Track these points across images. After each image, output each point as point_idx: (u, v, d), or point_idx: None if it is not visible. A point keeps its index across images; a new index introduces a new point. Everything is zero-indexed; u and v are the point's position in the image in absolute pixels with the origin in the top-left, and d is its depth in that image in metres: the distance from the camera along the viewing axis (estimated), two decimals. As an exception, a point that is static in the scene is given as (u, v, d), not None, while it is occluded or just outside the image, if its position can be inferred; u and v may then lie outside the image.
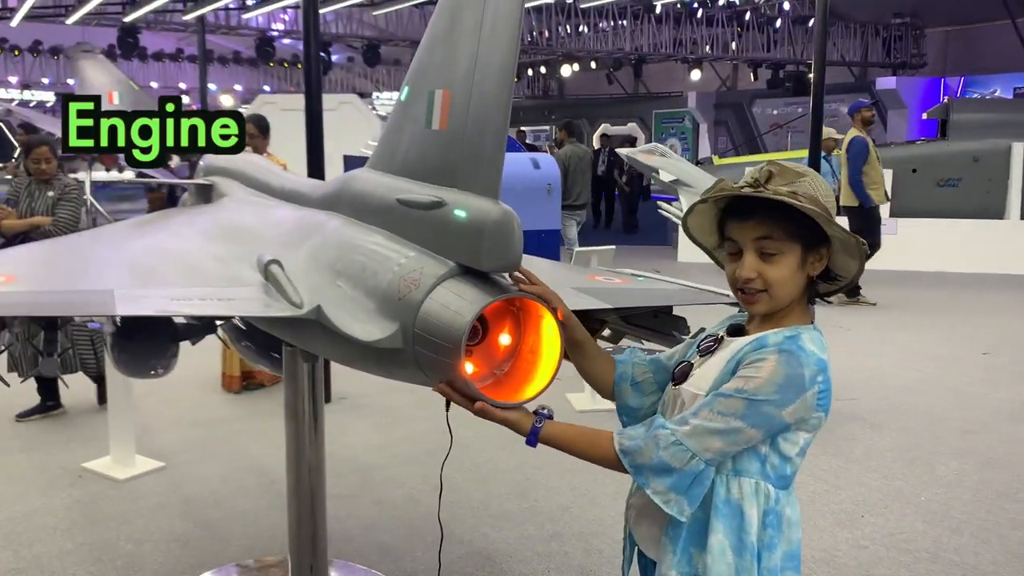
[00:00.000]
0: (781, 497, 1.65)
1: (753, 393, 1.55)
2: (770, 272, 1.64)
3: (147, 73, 30.06)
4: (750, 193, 1.61)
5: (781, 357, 1.57)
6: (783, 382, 1.56)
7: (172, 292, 1.99)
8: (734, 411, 1.55)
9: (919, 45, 24.31)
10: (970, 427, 5.25)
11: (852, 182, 9.19)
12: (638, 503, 1.77)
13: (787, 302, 1.67)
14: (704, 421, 1.57)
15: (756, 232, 1.64)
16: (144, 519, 3.92)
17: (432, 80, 1.86)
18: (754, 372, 1.57)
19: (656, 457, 1.56)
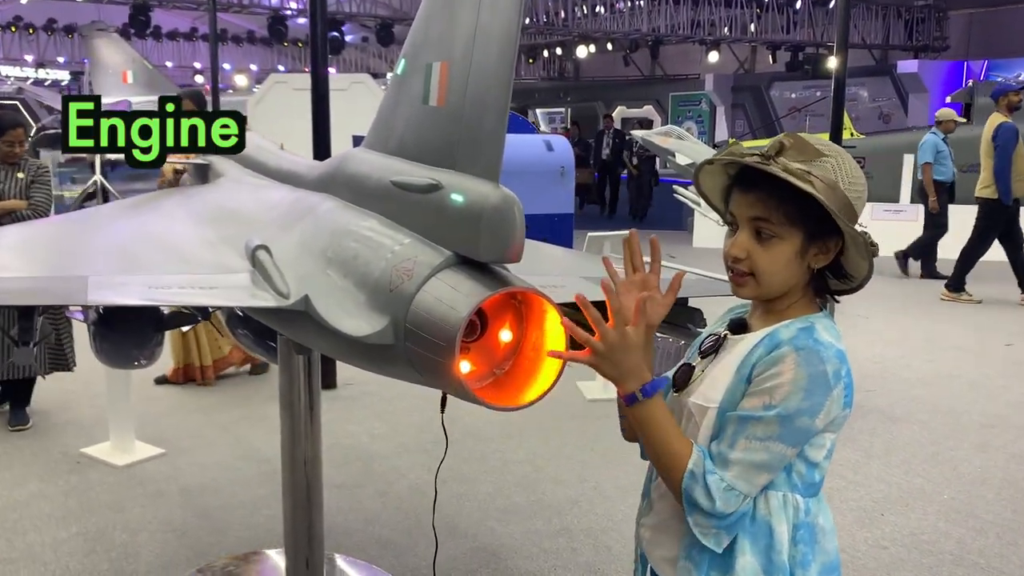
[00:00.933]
0: (811, 507, 1.49)
1: (784, 407, 1.38)
2: (761, 256, 1.46)
3: (161, 52, 29.98)
4: (753, 163, 1.43)
5: (800, 356, 1.40)
6: (808, 385, 1.39)
7: (151, 280, 1.86)
8: (771, 434, 1.39)
9: (942, 28, 23.88)
10: (991, 421, 5.08)
11: (999, 173, 8.40)
12: (653, 523, 1.61)
13: (777, 292, 1.50)
14: (745, 454, 1.40)
15: (753, 210, 1.46)
16: (141, 507, 3.82)
17: (430, 52, 1.72)
18: (775, 379, 1.40)
19: (713, 507, 1.40)
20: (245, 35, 32.07)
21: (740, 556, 1.44)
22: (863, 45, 23.72)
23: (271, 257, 1.91)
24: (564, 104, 33.68)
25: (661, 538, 1.57)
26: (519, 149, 8.30)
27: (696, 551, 1.47)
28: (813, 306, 1.54)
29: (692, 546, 1.47)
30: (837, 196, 1.42)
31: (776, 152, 1.43)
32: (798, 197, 1.42)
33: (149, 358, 2.22)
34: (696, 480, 1.40)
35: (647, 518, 1.62)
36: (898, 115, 22.81)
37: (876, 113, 23.78)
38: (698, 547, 1.46)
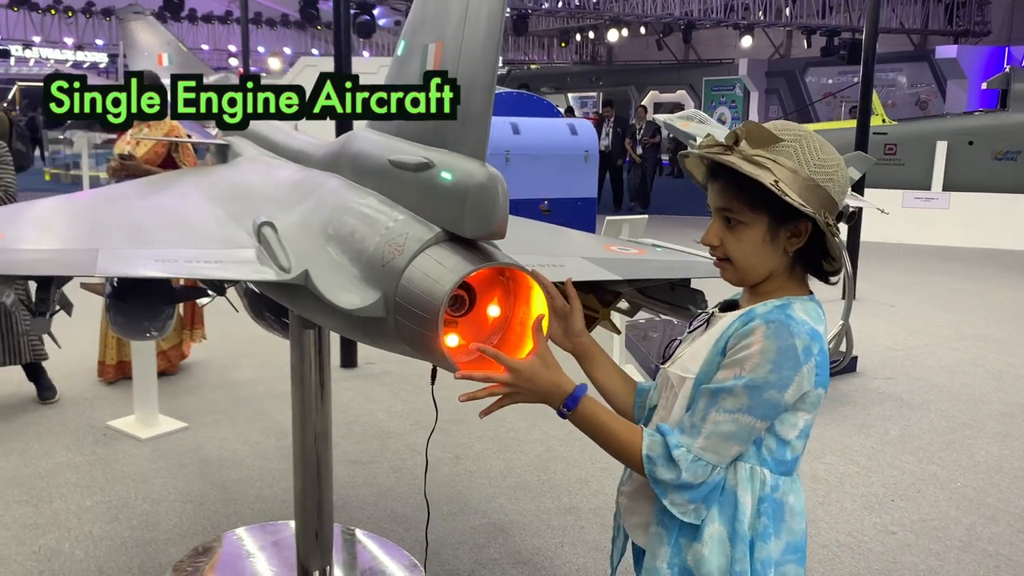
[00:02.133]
0: (781, 484, 1.52)
1: (751, 378, 1.42)
2: (731, 243, 1.52)
3: (197, 35, 30.33)
4: (709, 154, 1.50)
5: (768, 328, 1.43)
6: (776, 357, 1.42)
7: (159, 253, 1.93)
8: (740, 406, 1.43)
9: (983, 12, 23.34)
10: (1011, 411, 5.04)
11: None
12: (630, 490, 1.66)
13: (758, 276, 1.53)
14: (715, 426, 1.44)
15: (719, 199, 1.52)
16: (163, 479, 3.94)
17: (426, 33, 1.76)
18: (744, 350, 1.44)
19: (678, 478, 1.45)
20: (279, 18, 32.28)
21: (708, 524, 1.49)
22: (901, 29, 23.30)
23: (276, 233, 1.96)
24: (596, 88, 33.51)
25: (636, 505, 1.64)
26: (544, 133, 8.31)
27: (668, 517, 1.51)
28: (799, 289, 1.56)
29: (663, 512, 1.51)
30: (799, 179, 1.44)
31: (734, 141, 1.48)
32: (758, 184, 1.44)
33: (160, 330, 2.30)
34: (654, 462, 1.46)
35: (626, 487, 1.69)
36: (936, 101, 22.40)
37: (914, 99, 23.37)
38: (669, 514, 1.50)
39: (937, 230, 11.48)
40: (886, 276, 9.16)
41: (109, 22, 29.10)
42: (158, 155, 5.01)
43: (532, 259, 2.14)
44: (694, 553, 1.50)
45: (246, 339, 5.98)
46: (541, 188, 8.15)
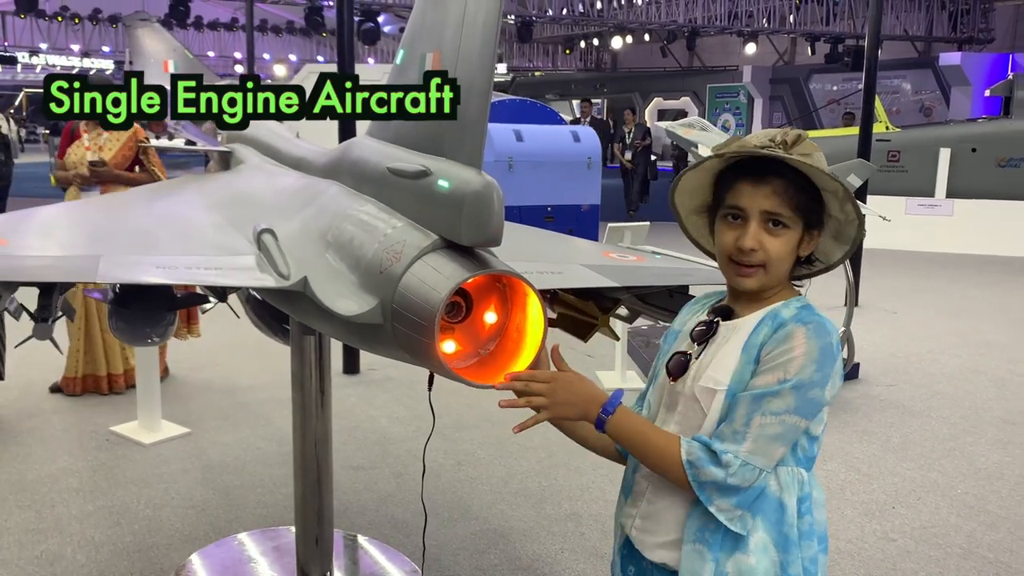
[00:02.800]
0: (810, 479, 1.55)
1: (798, 380, 1.44)
2: (773, 245, 1.50)
3: (203, 42, 30.41)
4: (779, 155, 1.46)
5: (809, 330, 1.46)
6: (819, 357, 1.45)
7: (160, 260, 1.95)
8: (787, 407, 1.44)
9: (987, 19, 23.33)
10: (1013, 418, 5.04)
11: None
12: (645, 512, 1.62)
13: (778, 281, 1.55)
14: (761, 429, 1.44)
15: (769, 201, 1.49)
16: (165, 484, 3.95)
17: (424, 42, 1.78)
18: (787, 354, 1.45)
19: (725, 481, 1.44)
20: (285, 25, 32.39)
21: (753, 533, 1.48)
22: (905, 36, 23.29)
23: (276, 240, 1.98)
24: (601, 95, 33.56)
25: (655, 526, 1.60)
26: (546, 140, 8.33)
27: (709, 532, 1.49)
28: (793, 291, 1.60)
29: (703, 528, 1.50)
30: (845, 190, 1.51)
31: (793, 142, 1.48)
32: (805, 188, 1.49)
33: (161, 335, 2.32)
34: (697, 465, 1.45)
35: (634, 508, 1.65)
36: (940, 108, 22.40)
37: (918, 106, 23.37)
38: (710, 528, 1.49)
39: (940, 237, 11.47)
40: (889, 283, 9.15)
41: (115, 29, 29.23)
42: (126, 159, 5.04)
43: (531, 266, 2.16)
44: (737, 564, 1.48)
45: (248, 345, 5.98)
46: (544, 195, 8.16)
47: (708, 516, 1.49)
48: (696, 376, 1.56)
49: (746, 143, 1.51)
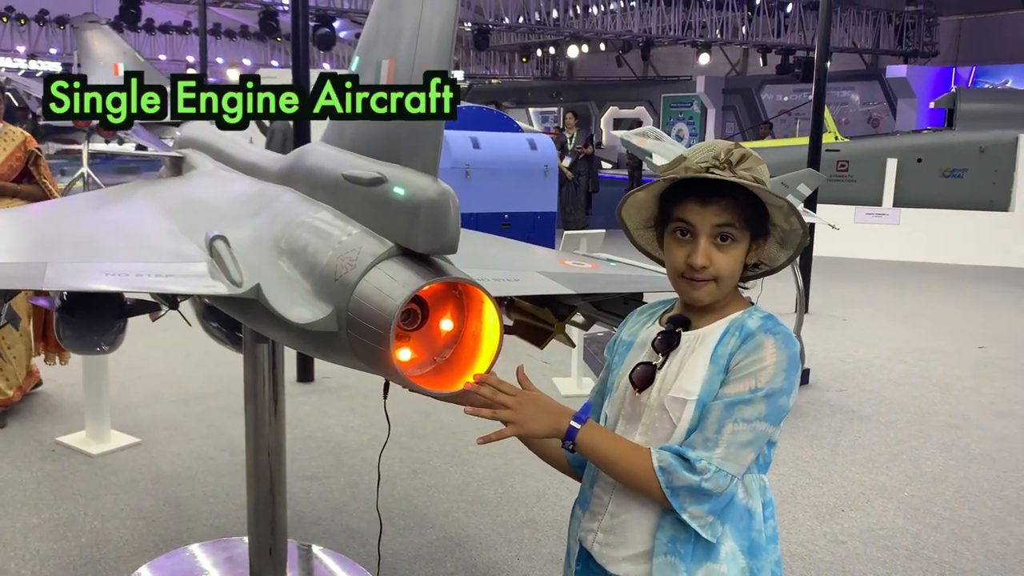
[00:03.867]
0: (767, 483, 1.59)
1: (769, 388, 1.47)
2: (722, 261, 1.53)
3: (154, 46, 29.89)
4: (724, 177, 1.49)
5: (778, 340, 1.50)
6: (788, 366, 1.50)
7: (110, 267, 1.92)
8: (759, 415, 1.47)
9: (932, 33, 23.99)
10: (956, 422, 5.18)
11: None
12: (608, 525, 1.61)
13: (729, 292, 1.59)
14: (734, 436, 1.47)
15: (719, 218, 1.52)
16: (113, 495, 3.87)
17: (380, 50, 1.78)
18: (759, 363, 1.48)
19: (699, 485, 1.45)
20: (239, 30, 32.01)
21: (723, 542, 1.50)
22: (853, 49, 23.82)
23: (228, 247, 1.96)
24: (557, 104, 33.74)
25: (619, 539, 1.59)
26: (503, 147, 8.35)
27: (680, 543, 1.51)
28: (743, 300, 1.63)
29: (674, 539, 1.51)
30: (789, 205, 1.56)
31: (737, 162, 1.51)
32: (754, 202, 1.53)
33: (111, 344, 2.28)
34: (670, 472, 1.46)
35: (594, 523, 1.64)
36: (887, 119, 22.95)
37: (866, 117, 23.92)
38: (681, 539, 1.50)
39: (888, 245, 11.75)
40: (838, 290, 9.34)
41: (63, 31, 28.59)
42: (13, 170, 4.69)
43: (488, 274, 2.17)
44: (709, 574, 1.50)
45: (200, 353, 5.90)
46: (501, 202, 8.18)
47: (678, 527, 1.50)
48: (663, 387, 1.56)
49: (691, 165, 1.53)
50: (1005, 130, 11.89)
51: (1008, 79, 21.96)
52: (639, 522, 1.56)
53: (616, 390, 1.65)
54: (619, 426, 1.63)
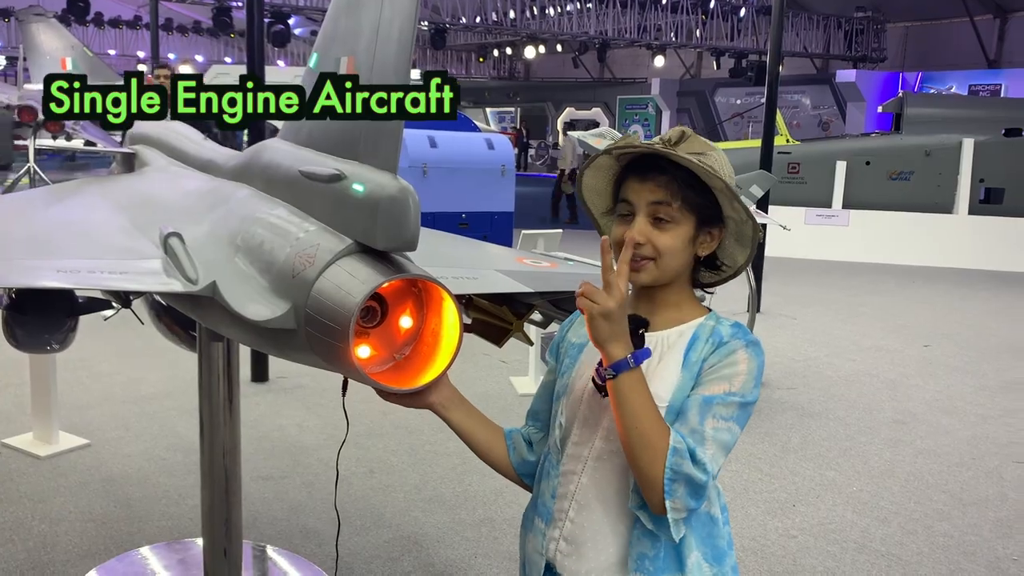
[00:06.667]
0: (721, 488, 1.60)
1: (741, 394, 1.47)
2: (661, 239, 1.50)
3: (103, 40, 29.27)
4: (659, 151, 1.48)
5: (750, 349, 1.50)
6: (757, 374, 1.51)
7: (61, 264, 1.88)
8: (732, 415, 1.46)
9: (880, 39, 24.56)
10: (903, 418, 5.31)
11: None
12: (571, 534, 1.55)
13: (672, 276, 1.55)
14: (716, 433, 1.44)
15: (654, 195, 1.50)
16: (62, 497, 3.79)
17: (338, 47, 1.77)
18: (732, 368, 1.48)
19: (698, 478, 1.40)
20: (191, 25, 31.49)
21: (689, 553, 1.48)
22: (804, 53, 24.27)
23: (183, 244, 1.93)
24: (514, 104, 33.81)
25: (582, 550, 1.54)
26: (461, 147, 8.35)
27: (649, 560, 1.47)
28: (700, 305, 1.60)
29: (643, 556, 1.48)
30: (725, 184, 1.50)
31: (677, 140, 1.50)
32: (695, 185, 1.50)
33: (62, 343, 2.23)
34: (681, 458, 1.39)
35: (555, 531, 1.58)
36: (837, 123, 23.44)
37: (817, 120, 24.39)
38: (650, 556, 1.47)
39: (837, 246, 12.00)
40: (789, 290, 9.51)
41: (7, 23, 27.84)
42: None
43: (447, 271, 2.17)
44: None
45: (151, 352, 5.81)
46: (458, 202, 8.18)
47: (645, 541, 1.47)
48: None
49: (633, 140, 1.53)
50: (949, 134, 12.22)
51: (952, 85, 22.59)
52: (602, 531, 1.52)
53: (571, 393, 1.61)
54: (575, 430, 1.59)
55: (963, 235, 11.88)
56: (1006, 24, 22.68)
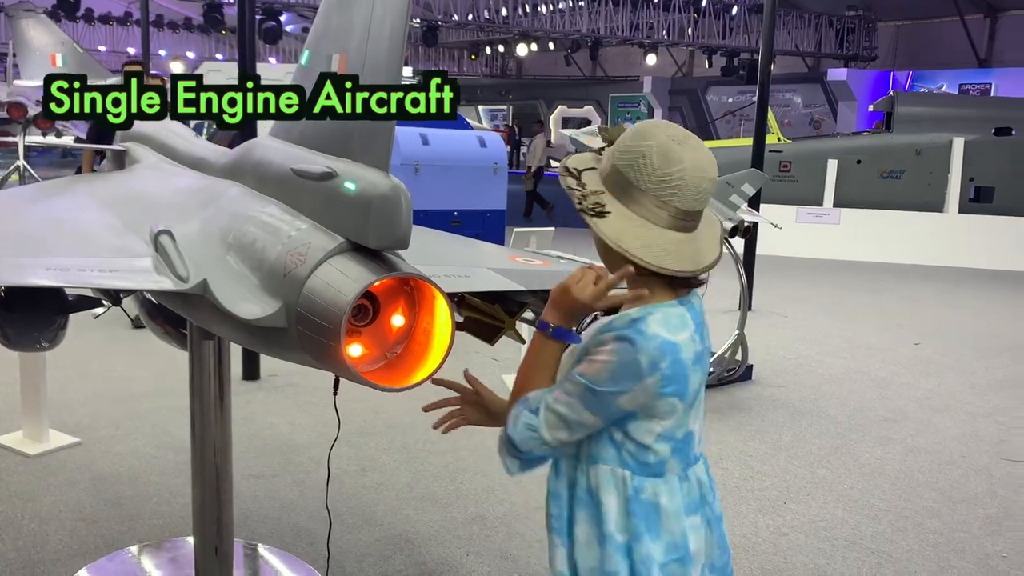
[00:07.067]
0: (648, 486, 1.57)
1: (593, 380, 1.50)
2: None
3: (93, 36, 29.11)
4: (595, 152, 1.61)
5: (617, 345, 1.49)
6: (616, 370, 1.49)
7: (50, 261, 1.87)
8: (576, 392, 1.52)
9: (871, 38, 24.62)
10: (893, 416, 5.33)
11: None
12: None
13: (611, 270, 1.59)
14: (555, 403, 1.55)
15: None
16: (52, 496, 3.77)
17: (330, 44, 1.77)
18: (594, 357, 1.52)
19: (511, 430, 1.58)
20: (182, 22, 31.35)
21: (578, 525, 1.60)
22: (796, 52, 24.32)
23: (174, 242, 1.93)
24: (506, 101, 33.78)
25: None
26: (453, 145, 8.35)
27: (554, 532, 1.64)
28: (664, 295, 1.59)
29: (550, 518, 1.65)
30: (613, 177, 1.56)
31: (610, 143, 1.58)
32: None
33: (51, 341, 2.22)
34: (519, 408, 1.58)
35: None
36: (828, 121, 23.50)
37: (808, 119, 24.45)
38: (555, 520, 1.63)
39: (828, 244, 12.03)
40: (781, 288, 9.53)
41: (-3, 19, 27.66)
42: None
43: (439, 270, 2.17)
44: (572, 554, 1.61)
45: (143, 351, 5.79)
46: (450, 199, 8.18)
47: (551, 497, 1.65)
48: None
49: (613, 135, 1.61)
50: (940, 133, 12.27)
51: (943, 84, 22.67)
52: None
53: None
54: None
55: (953, 233, 11.93)
56: (996, 23, 22.78)
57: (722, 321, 6.28)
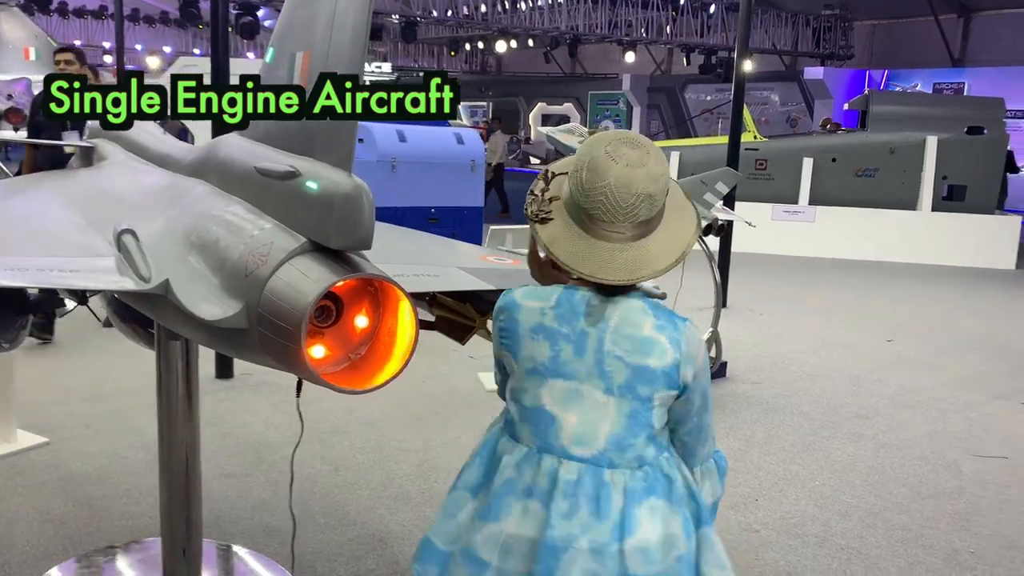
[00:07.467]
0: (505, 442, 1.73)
1: None
2: None
3: (67, 30, 28.75)
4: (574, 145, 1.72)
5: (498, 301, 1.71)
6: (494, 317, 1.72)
7: (11, 261, 1.84)
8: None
9: (847, 37, 24.82)
10: (865, 413, 5.38)
11: None
12: None
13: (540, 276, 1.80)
14: None
15: None
16: (19, 498, 3.72)
17: (294, 41, 1.75)
18: None
19: None
20: (158, 16, 31.03)
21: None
22: (773, 50, 24.46)
23: (136, 241, 1.91)
24: (486, 98, 33.73)
25: None
26: (430, 141, 8.32)
27: None
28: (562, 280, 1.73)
29: None
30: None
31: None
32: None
33: (12, 342, 2.19)
34: None
35: None
36: (805, 120, 23.66)
37: (785, 117, 24.60)
38: None
39: (803, 242, 12.12)
40: (756, 285, 9.59)
41: (-32, 12, 27.25)
42: None
43: (408, 269, 2.16)
44: None
45: (113, 350, 5.73)
46: (428, 196, 8.14)
47: None
48: None
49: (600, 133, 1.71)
50: (914, 132, 12.38)
51: (917, 83, 22.90)
52: None
53: None
54: None
55: (926, 231, 12.05)
56: (970, 24, 23.03)
57: (697, 318, 6.29)
